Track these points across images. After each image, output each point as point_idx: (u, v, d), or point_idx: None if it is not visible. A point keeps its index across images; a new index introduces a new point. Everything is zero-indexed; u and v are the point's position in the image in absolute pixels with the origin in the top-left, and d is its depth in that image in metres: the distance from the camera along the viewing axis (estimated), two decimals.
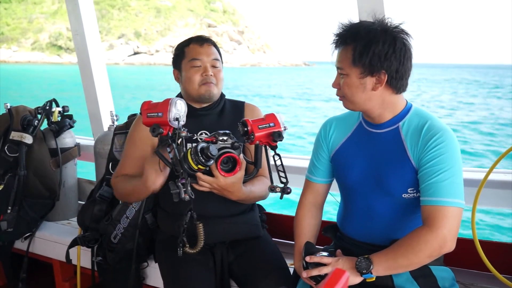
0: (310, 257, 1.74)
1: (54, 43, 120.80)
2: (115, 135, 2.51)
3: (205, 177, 1.85)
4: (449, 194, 1.60)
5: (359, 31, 1.67)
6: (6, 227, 2.75)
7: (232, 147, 1.84)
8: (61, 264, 2.80)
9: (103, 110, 3.41)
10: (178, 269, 2.04)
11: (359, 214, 1.84)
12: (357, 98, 1.72)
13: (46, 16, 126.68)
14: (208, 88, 2.13)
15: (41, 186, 2.88)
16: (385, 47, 1.63)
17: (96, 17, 3.42)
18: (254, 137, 1.82)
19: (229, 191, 1.92)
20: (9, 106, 2.89)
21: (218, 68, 2.16)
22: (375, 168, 1.77)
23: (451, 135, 1.67)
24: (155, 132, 1.74)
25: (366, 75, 1.66)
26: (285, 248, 2.41)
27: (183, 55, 2.16)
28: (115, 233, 2.30)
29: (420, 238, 1.60)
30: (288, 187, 1.82)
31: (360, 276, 1.65)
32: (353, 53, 1.66)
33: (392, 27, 1.68)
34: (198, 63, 2.12)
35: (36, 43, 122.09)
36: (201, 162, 1.68)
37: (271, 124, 1.85)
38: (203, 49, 2.14)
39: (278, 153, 1.86)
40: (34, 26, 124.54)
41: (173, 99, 1.76)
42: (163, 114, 1.73)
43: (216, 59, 2.16)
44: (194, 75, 2.12)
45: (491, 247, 2.11)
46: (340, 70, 1.73)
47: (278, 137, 1.83)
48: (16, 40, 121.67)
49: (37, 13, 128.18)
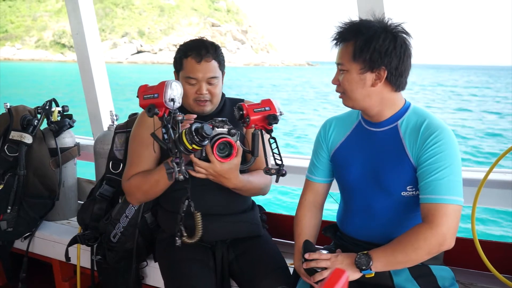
0: (309, 254, 1.75)
1: (57, 41, 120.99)
2: (115, 134, 2.50)
3: (201, 162, 1.87)
4: (448, 191, 1.61)
5: (360, 28, 1.68)
6: (5, 227, 2.75)
7: (229, 133, 1.86)
8: (61, 264, 2.80)
9: (103, 109, 3.41)
10: (179, 268, 2.05)
11: (359, 212, 1.85)
12: (357, 94, 1.72)
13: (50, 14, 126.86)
14: (202, 107, 2.13)
15: (41, 185, 2.88)
16: (386, 43, 1.65)
17: (99, 15, 3.44)
18: (250, 120, 1.86)
19: (225, 178, 1.93)
20: (8, 106, 2.89)
21: (214, 84, 2.13)
22: (374, 167, 1.78)
23: (450, 133, 1.68)
24: (150, 112, 1.76)
25: (366, 70, 1.68)
26: (285, 248, 2.41)
27: (181, 66, 2.13)
28: (115, 232, 2.30)
29: (419, 235, 1.61)
30: (283, 169, 1.86)
31: (359, 272, 1.66)
32: (353, 48, 1.68)
33: (393, 25, 1.69)
34: (193, 81, 2.10)
35: (40, 41, 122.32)
36: (195, 142, 1.69)
37: (267, 108, 1.88)
38: (200, 66, 2.09)
39: (274, 137, 1.89)
40: (38, 24, 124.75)
41: (169, 81, 1.78)
42: (159, 95, 1.76)
43: (213, 77, 2.11)
44: (189, 91, 2.10)
45: (491, 247, 2.11)
46: (340, 66, 1.74)
47: (274, 120, 1.86)
48: (20, 38, 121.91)
49: (41, 11, 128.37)
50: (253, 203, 2.28)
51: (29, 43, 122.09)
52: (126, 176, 2.14)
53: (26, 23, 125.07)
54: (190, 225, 1.92)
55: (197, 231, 1.91)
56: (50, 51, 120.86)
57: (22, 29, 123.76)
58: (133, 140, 2.18)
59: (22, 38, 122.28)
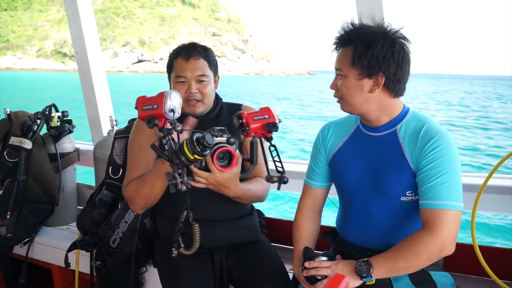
0: (309, 263, 1.74)
1: (59, 50, 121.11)
2: (115, 139, 2.50)
3: (201, 172, 1.87)
4: (448, 197, 1.61)
5: (360, 33, 1.69)
6: (5, 232, 2.76)
7: (228, 142, 1.86)
8: (60, 270, 2.81)
9: (103, 115, 3.41)
10: (177, 274, 2.04)
11: (358, 218, 1.85)
12: (354, 100, 1.72)
13: (51, 24, 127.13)
14: (192, 107, 2.12)
15: (40, 191, 2.88)
16: (384, 49, 1.65)
17: (100, 25, 3.46)
18: (250, 128, 1.85)
19: (225, 187, 1.92)
20: (8, 111, 2.90)
21: (204, 82, 2.12)
22: (373, 171, 1.78)
23: (449, 138, 1.67)
24: (150, 123, 1.74)
25: (364, 76, 1.68)
26: (284, 253, 2.40)
27: (171, 67, 2.15)
28: (114, 238, 2.30)
29: (419, 241, 1.61)
30: (284, 176, 1.85)
31: (360, 280, 1.65)
32: (352, 54, 1.68)
33: (392, 31, 1.69)
34: (182, 79, 2.11)
35: (41, 50, 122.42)
36: (197, 152, 1.67)
37: (266, 116, 1.88)
38: (188, 64, 2.10)
39: (274, 144, 1.89)
40: (39, 34, 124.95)
41: (168, 91, 1.77)
42: (158, 106, 1.74)
43: (203, 75, 2.11)
44: (179, 91, 2.07)
45: (491, 253, 2.10)
46: (338, 71, 1.74)
47: (273, 128, 1.86)
48: (21, 47, 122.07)
49: (43, 20, 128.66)
50: (252, 208, 2.27)
51: (30, 53, 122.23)
52: (125, 182, 2.14)
53: (27, 33, 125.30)
54: (188, 232, 1.91)
55: (195, 243, 1.90)
56: (51, 60, 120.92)
57: (24, 39, 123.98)
58: (131, 147, 2.17)
59: (24, 47, 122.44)
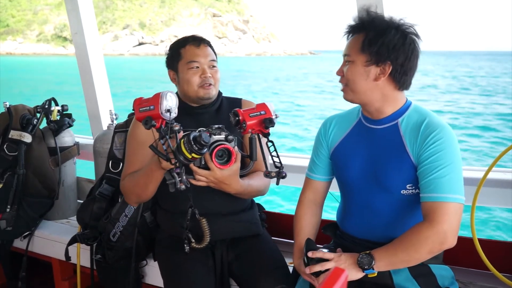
0: (312, 252, 1.75)
1: (59, 34, 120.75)
2: (115, 133, 2.51)
3: (201, 170, 1.89)
4: (449, 190, 1.61)
5: (374, 21, 1.70)
6: (5, 226, 2.77)
7: (226, 139, 1.87)
8: (60, 263, 2.81)
9: (102, 109, 3.40)
10: (178, 268, 2.06)
11: (359, 211, 1.85)
12: (358, 86, 1.73)
13: (51, 8, 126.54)
14: (207, 91, 2.13)
15: (40, 185, 2.88)
16: (395, 39, 1.66)
17: (100, 8, 3.43)
18: (246, 125, 1.87)
19: (226, 184, 1.94)
20: (8, 105, 2.89)
21: (215, 68, 2.17)
22: (374, 164, 1.78)
23: (450, 131, 1.68)
24: (147, 124, 1.75)
25: (372, 63, 1.69)
26: (284, 247, 2.40)
27: (179, 56, 2.15)
28: (114, 232, 2.31)
29: (420, 234, 1.61)
30: (283, 171, 1.87)
31: (362, 272, 1.66)
32: (363, 40, 1.69)
33: (406, 25, 1.70)
34: (195, 64, 2.12)
35: (41, 34, 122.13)
36: (194, 151, 1.68)
37: (262, 112, 1.90)
38: (200, 50, 2.14)
39: (271, 140, 1.91)
40: (39, 18, 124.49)
41: (164, 92, 1.78)
42: (155, 106, 1.76)
43: (214, 60, 2.16)
44: (192, 77, 2.11)
45: (491, 246, 2.11)
46: (346, 57, 1.75)
47: (270, 123, 1.88)
48: (22, 32, 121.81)
49: (42, 4, 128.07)
50: (252, 202, 2.27)
51: (30, 37, 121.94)
52: (122, 176, 2.15)
53: (27, 17, 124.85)
54: (194, 227, 1.95)
55: (206, 237, 1.95)
56: (52, 45, 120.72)
57: (23, 23, 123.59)
58: (129, 141, 2.17)
59: (24, 32, 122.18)
